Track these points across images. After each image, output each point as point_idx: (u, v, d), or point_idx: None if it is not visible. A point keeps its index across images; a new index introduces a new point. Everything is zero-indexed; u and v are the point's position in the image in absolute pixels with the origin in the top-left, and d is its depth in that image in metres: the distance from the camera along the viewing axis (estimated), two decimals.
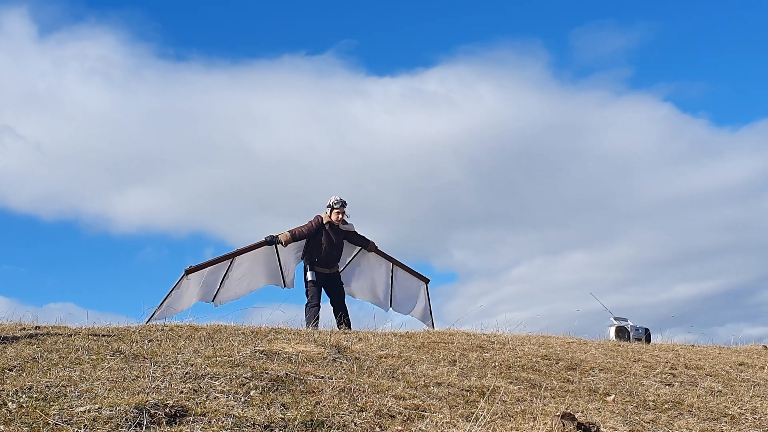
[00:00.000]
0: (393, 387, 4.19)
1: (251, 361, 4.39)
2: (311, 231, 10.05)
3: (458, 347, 6.17)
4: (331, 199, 10.25)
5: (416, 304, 11.86)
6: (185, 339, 5.51)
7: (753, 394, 5.43)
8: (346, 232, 10.36)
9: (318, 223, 10.07)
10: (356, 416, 3.55)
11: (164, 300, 9.49)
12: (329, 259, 10.14)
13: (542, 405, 4.36)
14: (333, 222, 10.10)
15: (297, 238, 10.05)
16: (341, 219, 10.18)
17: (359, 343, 5.70)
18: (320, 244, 10.03)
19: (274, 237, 10.08)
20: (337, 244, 10.22)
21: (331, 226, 10.11)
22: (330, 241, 10.11)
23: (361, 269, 11.33)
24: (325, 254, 10.06)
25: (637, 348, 7.56)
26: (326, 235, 10.08)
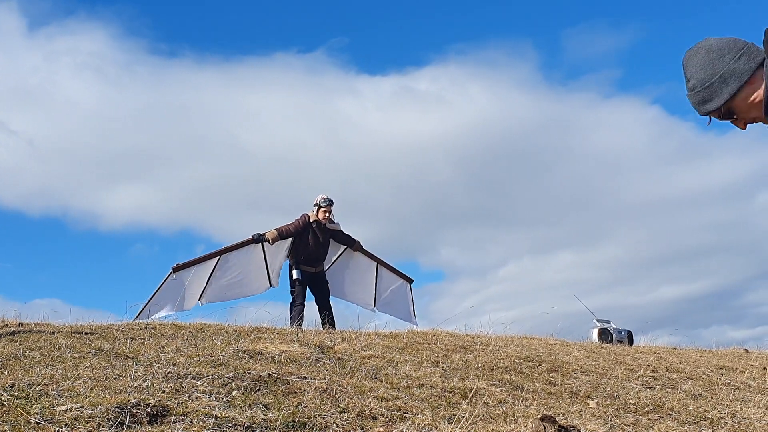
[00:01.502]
0: (375, 388, 4.20)
1: (234, 360, 4.38)
2: (298, 229, 10.08)
3: (442, 348, 6.19)
4: (318, 198, 10.26)
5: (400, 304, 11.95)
6: (168, 338, 5.51)
7: (733, 398, 5.48)
8: (332, 231, 10.39)
9: (305, 222, 10.11)
10: (338, 417, 3.55)
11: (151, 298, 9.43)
12: (315, 258, 10.18)
13: (524, 407, 4.38)
14: (320, 221, 10.12)
15: (284, 236, 10.09)
16: (328, 218, 10.20)
17: (343, 343, 5.70)
18: (306, 243, 10.06)
19: (260, 235, 10.13)
20: (323, 243, 10.25)
21: (318, 225, 10.13)
22: (316, 239, 10.12)
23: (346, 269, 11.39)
24: (311, 253, 10.10)
25: (619, 350, 7.60)
26: (312, 233, 10.10)
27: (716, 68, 2.91)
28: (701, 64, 2.95)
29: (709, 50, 2.92)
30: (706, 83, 2.95)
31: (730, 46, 2.89)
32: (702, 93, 2.95)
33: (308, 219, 10.17)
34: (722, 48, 2.90)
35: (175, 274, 9.70)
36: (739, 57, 2.87)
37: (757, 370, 7.10)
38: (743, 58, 2.87)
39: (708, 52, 2.92)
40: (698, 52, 2.96)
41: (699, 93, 2.96)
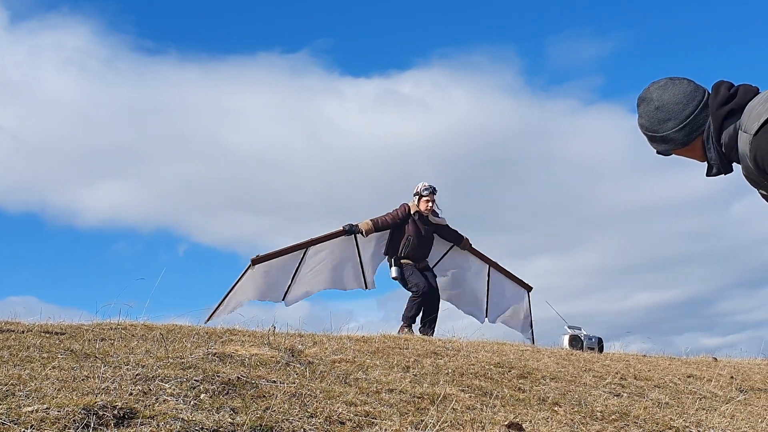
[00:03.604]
0: (344, 393, 4.22)
1: (203, 363, 4.38)
2: (396, 221, 9.25)
3: (413, 353, 6.21)
4: (419, 186, 9.35)
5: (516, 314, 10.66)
6: (139, 339, 5.49)
7: (698, 407, 5.54)
8: (436, 225, 9.49)
9: (405, 212, 9.26)
10: (306, 422, 3.57)
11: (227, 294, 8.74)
12: (417, 254, 9.31)
13: (492, 413, 4.42)
14: (422, 212, 9.25)
15: (380, 228, 9.26)
16: (431, 209, 9.32)
17: (314, 347, 5.72)
18: (407, 237, 9.22)
19: (353, 226, 9.24)
20: (427, 237, 9.34)
21: (420, 217, 9.25)
22: (418, 233, 9.23)
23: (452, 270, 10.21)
24: (413, 248, 9.24)
25: (589, 357, 7.67)
26: (414, 226, 9.22)
27: (659, 128, 3.01)
28: (649, 115, 3.04)
29: (658, 108, 3.01)
30: (650, 133, 3.06)
31: (679, 109, 2.97)
32: (646, 135, 3.06)
33: (408, 210, 9.28)
34: (670, 111, 2.98)
35: (254, 267, 8.88)
36: (681, 128, 2.97)
37: (725, 379, 7.19)
38: (685, 129, 2.97)
39: (657, 109, 3.01)
40: (650, 102, 3.04)
41: (644, 133, 3.06)
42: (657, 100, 3.01)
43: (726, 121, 2.90)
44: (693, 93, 2.99)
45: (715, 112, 2.91)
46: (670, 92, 3.00)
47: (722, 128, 2.92)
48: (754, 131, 2.77)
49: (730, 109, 2.89)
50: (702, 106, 2.97)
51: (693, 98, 2.98)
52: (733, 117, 2.89)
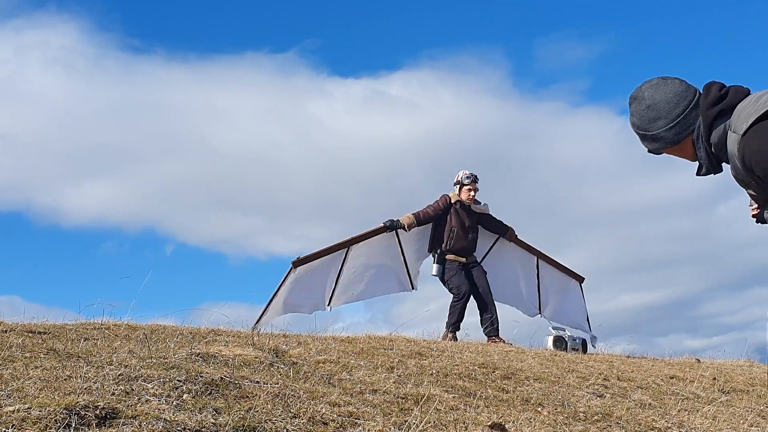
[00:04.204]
0: (328, 393, 4.22)
1: (186, 363, 4.37)
2: (438, 212, 8.95)
3: (397, 354, 6.22)
4: (460, 174, 9.00)
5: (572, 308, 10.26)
6: (122, 339, 5.47)
7: (680, 408, 5.58)
8: (479, 215, 9.15)
9: (446, 203, 8.95)
10: (289, 423, 3.57)
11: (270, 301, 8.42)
12: (464, 246, 8.98)
13: (475, 414, 4.43)
14: (463, 201, 8.94)
15: (422, 221, 8.95)
16: (473, 197, 8.99)
17: (298, 347, 5.71)
18: (450, 228, 8.89)
19: (394, 221, 8.89)
20: (472, 228, 9.01)
21: (462, 207, 8.95)
22: (461, 224, 8.92)
23: (500, 265, 9.77)
24: (458, 240, 8.93)
25: (573, 358, 7.69)
26: (456, 216, 8.90)
27: (649, 126, 3.04)
28: (640, 114, 3.07)
29: (650, 107, 3.04)
30: (641, 132, 3.09)
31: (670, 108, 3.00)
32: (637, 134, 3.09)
33: (449, 200, 8.95)
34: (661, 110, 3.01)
35: (295, 270, 8.53)
36: (671, 127, 3.00)
37: (707, 380, 7.22)
38: (674, 128, 3.00)
39: (648, 108, 3.04)
40: (642, 101, 3.07)
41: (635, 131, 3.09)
42: (648, 99, 3.04)
43: (716, 122, 2.94)
44: (684, 93, 3.02)
45: (705, 112, 2.95)
46: (662, 91, 3.03)
47: (712, 128, 2.95)
48: (742, 131, 2.80)
49: (720, 109, 2.92)
50: (692, 105, 3.00)
51: (684, 98, 3.01)
52: (723, 117, 2.92)
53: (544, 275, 10.11)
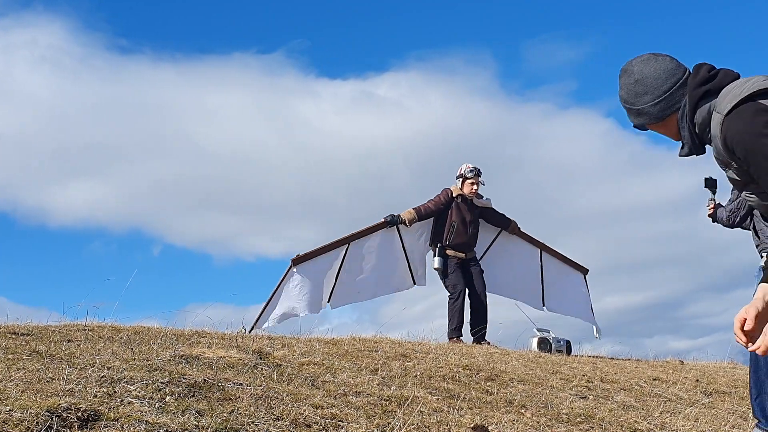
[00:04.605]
0: (312, 395, 4.22)
1: (170, 365, 4.37)
2: (439, 207, 8.88)
3: (382, 355, 6.22)
4: (463, 168, 8.95)
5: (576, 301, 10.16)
6: (106, 340, 5.45)
7: (663, 410, 5.61)
8: (481, 209, 9.09)
9: (447, 197, 8.89)
10: (272, 425, 3.57)
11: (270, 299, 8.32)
12: (464, 241, 8.91)
13: (458, 416, 4.44)
14: (465, 195, 8.87)
15: (423, 215, 8.88)
16: (476, 191, 8.91)
17: (282, 349, 5.71)
18: (451, 223, 8.82)
19: (395, 216, 8.81)
20: (472, 222, 8.95)
21: (464, 200, 8.88)
22: (462, 218, 8.86)
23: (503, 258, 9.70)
24: (458, 235, 8.85)
25: (556, 360, 7.72)
26: (458, 210, 8.85)
27: (636, 100, 3.06)
28: (627, 87, 3.09)
29: (638, 81, 3.06)
30: (627, 105, 3.11)
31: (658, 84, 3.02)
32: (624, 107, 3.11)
33: (451, 194, 8.89)
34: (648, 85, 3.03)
35: (296, 267, 8.43)
36: (656, 103, 3.02)
37: (690, 382, 7.27)
38: (660, 104, 3.02)
39: (636, 82, 3.06)
40: (631, 75, 3.09)
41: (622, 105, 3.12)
42: (637, 74, 3.07)
43: (701, 101, 2.96)
44: (673, 70, 3.04)
45: (692, 91, 2.97)
46: (651, 67, 3.05)
47: (697, 107, 2.97)
48: (726, 111, 2.83)
49: (707, 89, 2.94)
50: (680, 83, 3.02)
51: (672, 75, 3.03)
52: (709, 98, 2.94)
53: (548, 267, 10.03)
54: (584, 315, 10.27)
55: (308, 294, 8.54)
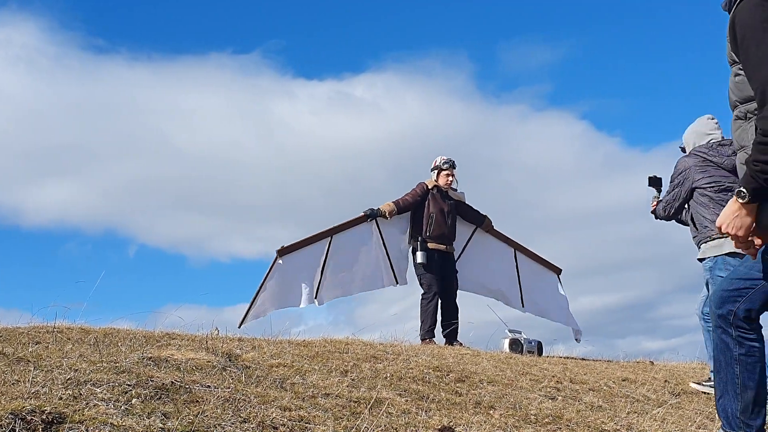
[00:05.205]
0: (280, 398, 4.22)
1: (138, 367, 4.35)
2: (416, 199, 8.93)
3: (353, 357, 6.23)
4: (438, 160, 9.05)
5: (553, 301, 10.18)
6: (74, 342, 5.42)
7: (630, 410, 5.66)
8: (456, 202, 9.15)
9: (423, 190, 8.96)
10: (238, 427, 3.57)
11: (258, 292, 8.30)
12: (444, 233, 8.94)
13: (426, 417, 4.46)
14: (441, 187, 8.96)
15: (401, 208, 8.92)
16: (450, 183, 9.02)
17: (252, 351, 5.70)
18: (429, 214, 8.85)
19: (374, 210, 8.85)
20: (450, 213, 8.99)
21: (439, 192, 8.95)
22: (440, 209, 8.91)
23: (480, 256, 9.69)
24: (438, 225, 8.90)
25: (527, 361, 7.76)
26: (435, 202, 8.89)
27: None
28: None
29: None
30: None
31: None
32: None
33: (426, 187, 8.97)
34: None
35: (281, 258, 8.46)
36: None
37: (659, 383, 7.34)
38: None
39: None
40: None
41: None
42: None
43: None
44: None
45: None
46: None
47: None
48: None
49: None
50: None
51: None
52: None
53: (523, 268, 10.05)
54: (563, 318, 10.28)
55: (296, 286, 8.59)
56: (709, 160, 6.82)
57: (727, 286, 3.67)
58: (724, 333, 3.66)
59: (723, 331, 3.66)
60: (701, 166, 6.85)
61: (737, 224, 3.17)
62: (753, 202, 3.12)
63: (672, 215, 7.23)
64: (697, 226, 7.01)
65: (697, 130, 7.14)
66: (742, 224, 3.18)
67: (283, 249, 8.54)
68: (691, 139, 7.14)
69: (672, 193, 7.08)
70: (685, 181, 6.91)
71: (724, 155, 6.80)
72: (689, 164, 6.92)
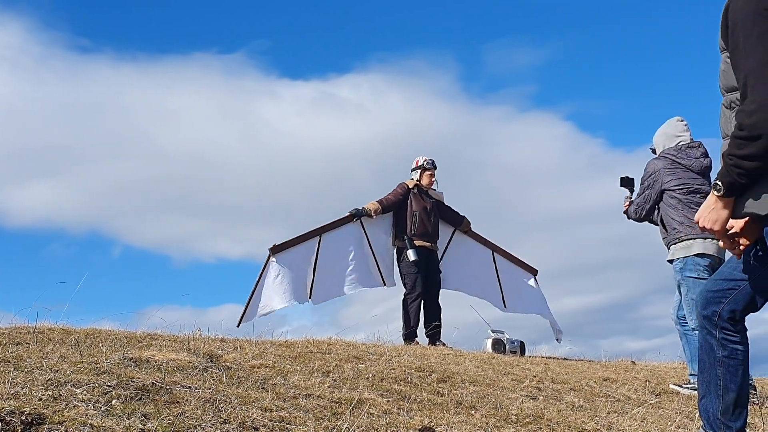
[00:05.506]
0: (261, 398, 4.22)
1: (118, 368, 4.34)
2: (399, 198, 9.02)
3: (335, 358, 6.24)
4: (420, 160, 9.16)
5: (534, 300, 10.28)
6: (55, 343, 5.40)
7: (610, 410, 5.70)
8: (437, 201, 9.24)
9: (404, 189, 9.05)
10: (219, 428, 3.57)
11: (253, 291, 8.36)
12: (428, 230, 9.01)
13: (408, 418, 4.48)
14: (422, 186, 9.06)
15: (386, 207, 9.01)
16: (432, 182, 9.15)
17: (233, 352, 5.69)
18: (413, 212, 8.92)
19: (359, 209, 8.95)
20: (433, 211, 9.08)
21: (420, 191, 9.05)
22: (423, 206, 8.99)
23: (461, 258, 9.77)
24: (422, 223, 8.95)
25: (509, 361, 7.79)
26: (417, 200, 8.98)
27: None
28: None
29: None
30: None
31: None
32: None
33: (407, 187, 9.08)
34: None
35: (274, 257, 8.53)
36: None
37: (639, 383, 7.39)
38: None
39: None
40: None
41: None
42: None
43: None
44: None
45: None
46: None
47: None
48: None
49: None
50: None
51: None
52: None
53: (502, 269, 10.17)
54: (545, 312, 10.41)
55: (290, 284, 8.62)
56: (678, 162, 6.96)
57: (711, 287, 3.69)
58: (708, 334, 3.68)
59: (708, 332, 3.68)
60: (670, 169, 6.97)
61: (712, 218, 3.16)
62: (728, 196, 3.12)
63: (643, 217, 7.35)
64: (666, 227, 7.11)
65: (666, 132, 7.25)
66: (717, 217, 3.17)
67: (276, 247, 8.61)
68: (661, 141, 7.25)
69: (643, 195, 7.20)
70: (655, 183, 7.03)
71: (693, 157, 6.95)
72: (659, 167, 7.05)
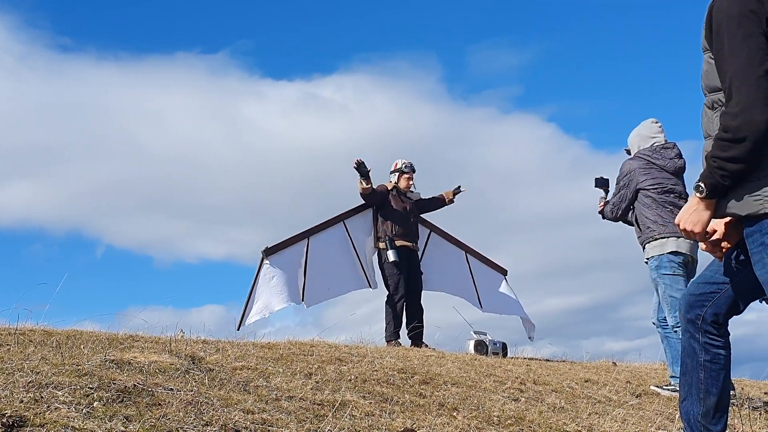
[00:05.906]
0: (243, 400, 4.22)
1: (100, 370, 4.33)
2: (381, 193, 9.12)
3: (317, 359, 6.24)
4: (399, 162, 9.34)
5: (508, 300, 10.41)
6: (37, 345, 5.37)
7: (591, 412, 5.73)
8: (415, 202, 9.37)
9: (384, 190, 9.18)
10: (201, 430, 3.57)
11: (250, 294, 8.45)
12: (408, 230, 9.15)
13: (390, 420, 4.49)
14: (400, 189, 9.22)
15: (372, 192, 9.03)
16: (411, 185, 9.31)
17: (216, 354, 5.69)
18: (392, 211, 9.06)
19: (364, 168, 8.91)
20: (411, 212, 9.21)
21: (398, 193, 9.21)
22: (403, 206, 9.15)
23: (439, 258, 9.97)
24: (403, 223, 9.08)
25: (492, 362, 7.83)
26: (396, 201, 9.13)
27: None
28: None
29: None
30: None
31: None
32: None
33: (386, 188, 9.23)
34: None
35: (268, 259, 8.67)
36: None
37: (621, 384, 7.44)
38: None
39: None
40: None
41: None
42: None
43: None
44: None
45: None
46: None
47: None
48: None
49: None
50: None
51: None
52: None
53: (476, 269, 10.31)
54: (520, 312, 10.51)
55: (286, 285, 8.71)
56: (652, 162, 7.11)
57: (694, 291, 3.71)
58: (691, 338, 3.70)
59: (691, 336, 3.70)
60: (645, 168, 7.12)
61: (694, 219, 3.17)
62: (711, 198, 3.13)
63: (619, 216, 7.47)
64: (640, 226, 7.22)
65: (641, 133, 7.38)
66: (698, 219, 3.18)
67: (268, 249, 8.73)
68: (636, 142, 7.39)
69: (618, 195, 7.34)
70: (630, 183, 7.17)
71: (668, 158, 7.10)
72: (634, 167, 7.19)
